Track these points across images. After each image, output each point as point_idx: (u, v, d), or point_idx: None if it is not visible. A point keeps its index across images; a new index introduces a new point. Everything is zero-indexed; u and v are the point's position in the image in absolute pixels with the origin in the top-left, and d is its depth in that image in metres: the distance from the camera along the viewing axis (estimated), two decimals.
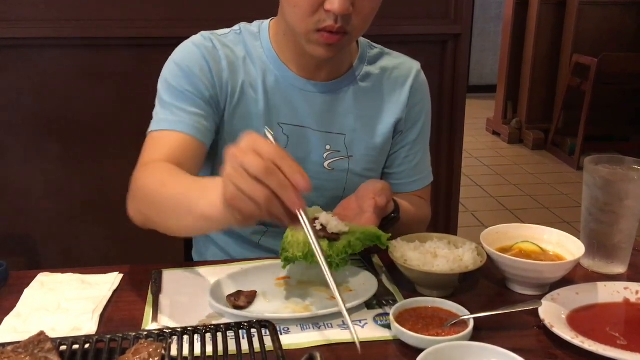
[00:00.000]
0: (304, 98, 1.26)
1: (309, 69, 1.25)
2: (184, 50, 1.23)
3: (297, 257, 1.02)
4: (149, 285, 1.08)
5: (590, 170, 1.17)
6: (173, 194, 0.98)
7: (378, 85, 1.32)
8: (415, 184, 1.39)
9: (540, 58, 5.36)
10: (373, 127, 1.32)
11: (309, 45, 1.15)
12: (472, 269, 1.05)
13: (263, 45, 1.26)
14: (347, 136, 1.29)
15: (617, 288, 1.07)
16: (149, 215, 1.05)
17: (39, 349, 0.77)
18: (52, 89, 2.10)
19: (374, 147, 1.32)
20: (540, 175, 4.84)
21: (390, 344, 0.93)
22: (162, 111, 1.19)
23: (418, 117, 1.36)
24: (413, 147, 1.37)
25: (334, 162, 1.30)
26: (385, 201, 1.15)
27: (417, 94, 1.35)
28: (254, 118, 1.24)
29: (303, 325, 0.98)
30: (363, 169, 1.32)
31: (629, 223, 1.15)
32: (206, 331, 0.83)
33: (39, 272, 1.12)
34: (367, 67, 1.32)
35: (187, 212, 0.93)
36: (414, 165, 1.38)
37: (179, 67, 1.20)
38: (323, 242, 1.04)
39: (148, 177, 1.06)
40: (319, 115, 1.27)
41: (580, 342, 0.90)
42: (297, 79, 1.25)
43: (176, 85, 1.19)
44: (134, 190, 1.09)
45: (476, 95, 6.81)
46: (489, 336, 0.92)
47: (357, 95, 1.30)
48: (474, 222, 3.86)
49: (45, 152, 2.14)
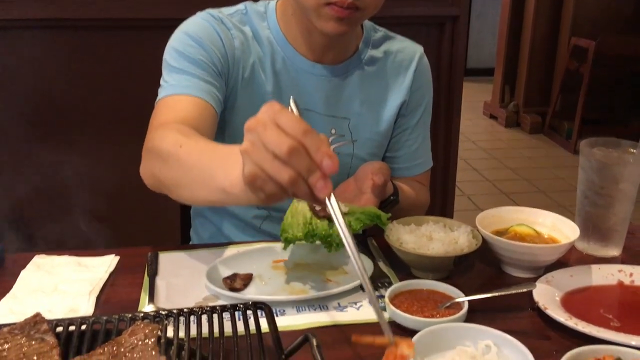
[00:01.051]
0: (311, 81, 1.25)
1: (316, 50, 1.24)
2: (194, 22, 1.19)
3: (297, 237, 1.03)
4: (145, 268, 1.08)
5: (586, 154, 1.17)
6: (190, 160, 0.90)
7: (382, 69, 1.31)
8: (415, 169, 1.39)
9: (538, 41, 5.33)
10: (378, 112, 1.31)
11: (319, 20, 1.13)
12: (467, 252, 1.05)
13: (270, 26, 1.24)
14: (351, 120, 1.29)
15: (611, 270, 1.08)
16: (161, 178, 0.97)
17: (35, 330, 0.77)
18: (41, 71, 2.08)
19: (378, 132, 1.32)
20: (537, 159, 4.84)
21: None
22: (173, 77, 1.14)
23: (420, 102, 1.35)
24: (413, 131, 1.36)
25: (339, 147, 1.30)
26: (382, 179, 1.14)
27: (420, 78, 1.34)
28: (262, 99, 1.23)
29: (299, 307, 0.98)
30: (367, 153, 1.32)
31: (624, 206, 1.16)
32: (202, 313, 0.83)
33: (35, 255, 1.12)
34: (371, 50, 1.31)
35: (204, 184, 0.85)
36: (414, 149, 1.37)
37: (190, 37, 1.16)
38: (323, 221, 1.05)
39: (164, 138, 0.97)
40: (325, 99, 1.26)
41: (573, 324, 0.90)
42: (304, 61, 1.24)
43: (187, 53, 1.14)
44: (147, 150, 1.03)
45: (474, 78, 6.79)
46: (484, 318, 0.93)
47: (362, 80, 1.29)
48: (470, 206, 3.87)
49: (38, 135, 2.13)
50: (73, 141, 2.15)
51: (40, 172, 2.16)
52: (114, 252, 1.14)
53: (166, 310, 0.84)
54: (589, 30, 4.91)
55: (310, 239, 1.03)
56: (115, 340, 0.76)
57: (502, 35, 5.65)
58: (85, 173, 2.17)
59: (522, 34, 5.47)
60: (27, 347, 0.74)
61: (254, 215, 1.33)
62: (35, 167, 2.16)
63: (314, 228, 1.03)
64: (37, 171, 2.16)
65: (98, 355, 0.73)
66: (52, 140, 2.14)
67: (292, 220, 1.05)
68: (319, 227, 1.03)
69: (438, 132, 2.32)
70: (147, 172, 1.02)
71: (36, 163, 2.15)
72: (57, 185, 2.18)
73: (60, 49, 2.07)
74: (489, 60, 6.74)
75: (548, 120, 5.35)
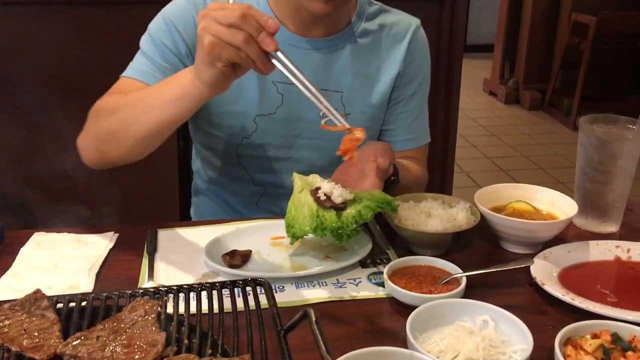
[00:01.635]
0: (298, 55, 1.24)
1: (305, 25, 1.23)
2: (174, 4, 1.22)
3: (305, 232, 0.98)
4: (145, 245, 1.09)
5: (586, 130, 1.16)
6: (136, 97, 1.05)
7: (376, 42, 1.30)
8: (409, 143, 1.38)
9: (538, 17, 5.28)
10: (371, 85, 1.30)
11: (308, 1, 1.13)
12: (466, 229, 1.05)
13: (259, 2, 1.24)
14: (344, 94, 1.28)
15: (609, 246, 1.08)
16: (107, 130, 1.08)
17: (35, 306, 0.78)
18: (42, 47, 2.06)
19: (372, 105, 1.31)
20: (536, 135, 4.83)
21: (384, 302, 0.95)
22: (137, 60, 1.20)
23: (415, 75, 1.34)
24: (407, 103, 1.35)
25: (331, 121, 1.28)
26: (388, 163, 1.12)
27: (415, 50, 1.32)
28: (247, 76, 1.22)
29: (298, 284, 0.99)
30: (361, 126, 1.30)
31: (622, 182, 1.16)
32: (201, 289, 0.84)
33: (35, 232, 1.13)
34: (365, 23, 1.29)
35: (154, 104, 1.01)
36: (408, 123, 1.36)
37: (163, 21, 1.20)
38: (330, 212, 0.98)
39: (106, 101, 1.12)
40: (314, 73, 1.25)
41: (570, 299, 0.91)
42: (291, 35, 1.23)
43: (155, 37, 1.19)
44: (88, 122, 1.13)
45: (473, 54, 6.74)
46: (481, 294, 0.93)
47: (354, 53, 1.28)
48: (469, 183, 3.87)
49: (36, 112, 2.12)
50: (73, 119, 2.14)
51: (40, 149, 2.16)
52: (113, 229, 1.14)
53: (166, 286, 0.85)
54: (589, 7, 4.86)
55: (321, 232, 0.96)
56: (116, 316, 0.76)
57: (502, 11, 5.60)
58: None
59: (523, 10, 5.42)
60: (28, 323, 0.75)
61: (250, 192, 1.34)
62: (36, 144, 2.15)
63: (323, 221, 0.97)
64: (37, 148, 2.16)
65: (98, 331, 0.73)
66: (52, 118, 2.12)
67: (296, 213, 1.00)
68: (328, 219, 0.97)
69: (437, 109, 2.31)
70: (88, 137, 1.13)
71: (38, 140, 2.15)
72: (59, 162, 2.18)
73: (61, 25, 2.05)
74: (489, 37, 6.69)
75: (548, 96, 5.33)
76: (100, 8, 2.07)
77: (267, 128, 1.26)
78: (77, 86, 2.12)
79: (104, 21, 2.08)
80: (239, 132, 1.27)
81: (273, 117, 1.26)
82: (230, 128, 1.27)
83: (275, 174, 1.31)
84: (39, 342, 0.73)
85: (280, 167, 1.31)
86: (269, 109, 1.25)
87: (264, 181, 1.33)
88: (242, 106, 1.25)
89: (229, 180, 1.35)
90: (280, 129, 1.27)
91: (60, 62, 2.10)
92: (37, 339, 0.73)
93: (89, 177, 2.15)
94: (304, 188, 1.03)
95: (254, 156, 1.30)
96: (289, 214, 1.01)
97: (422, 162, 1.41)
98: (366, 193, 1.04)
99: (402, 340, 0.82)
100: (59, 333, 0.74)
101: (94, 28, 2.08)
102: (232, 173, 1.34)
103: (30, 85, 2.11)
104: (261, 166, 1.31)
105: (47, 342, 0.72)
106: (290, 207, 1.01)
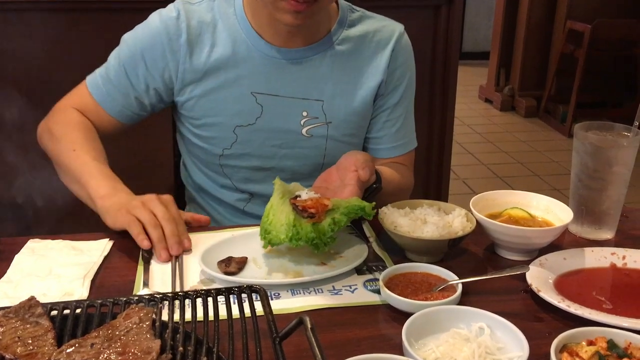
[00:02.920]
0: (276, 66, 1.24)
1: (281, 36, 1.23)
2: (147, 27, 1.25)
3: (281, 240, 1.00)
4: (140, 252, 1.08)
5: (580, 137, 1.17)
6: (75, 164, 1.20)
7: (358, 49, 1.29)
8: (396, 150, 1.37)
9: (534, 24, 5.31)
10: (353, 92, 1.29)
11: (277, 12, 1.13)
12: (462, 235, 1.05)
13: (236, 12, 1.24)
14: (325, 102, 1.28)
15: (604, 253, 1.08)
16: (49, 154, 1.29)
17: (29, 313, 0.77)
18: (33, 53, 2.06)
19: (354, 112, 1.30)
20: (532, 142, 4.85)
21: (380, 308, 0.95)
22: (104, 72, 1.28)
23: (399, 82, 1.33)
24: (393, 111, 1.34)
25: (313, 129, 1.28)
26: (368, 174, 1.11)
27: (399, 57, 1.31)
28: (224, 87, 1.24)
29: (293, 291, 0.99)
30: (343, 134, 1.30)
31: (617, 189, 1.16)
32: (197, 296, 0.83)
33: (29, 239, 1.12)
34: (346, 30, 1.28)
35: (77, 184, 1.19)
36: (394, 130, 1.35)
37: (133, 47, 1.24)
38: (307, 224, 1.01)
39: (66, 132, 1.25)
40: (293, 83, 1.25)
41: (566, 306, 0.91)
42: (268, 47, 1.23)
43: (123, 60, 1.25)
44: (48, 128, 1.28)
45: (469, 62, 6.76)
46: (477, 300, 0.93)
47: (335, 60, 1.27)
48: (465, 190, 3.88)
49: (29, 118, 2.11)
50: None
51: (35, 156, 2.15)
52: (109, 236, 1.14)
53: (161, 293, 0.84)
54: (584, 14, 4.89)
55: (296, 242, 0.99)
56: (110, 323, 0.76)
57: (497, 18, 5.63)
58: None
59: (518, 17, 5.45)
60: (22, 330, 0.75)
61: (236, 199, 1.34)
62: (31, 151, 2.14)
63: (299, 231, 0.99)
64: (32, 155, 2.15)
65: (93, 339, 0.73)
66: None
67: (273, 218, 1.02)
68: (304, 230, 0.99)
69: (433, 116, 2.31)
70: (41, 138, 1.31)
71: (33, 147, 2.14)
72: (51, 169, 2.17)
73: (55, 31, 2.05)
74: (485, 44, 6.72)
75: (543, 103, 5.35)
76: (86, 14, 2.07)
77: (247, 138, 1.27)
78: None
79: (88, 28, 2.08)
80: (220, 143, 1.28)
81: (253, 127, 1.26)
82: (211, 139, 1.28)
83: (258, 182, 1.32)
84: (32, 349, 0.72)
85: (263, 176, 1.31)
86: (249, 119, 1.25)
87: (248, 190, 1.34)
88: (221, 118, 1.25)
89: (214, 188, 1.36)
90: (260, 139, 1.27)
91: (56, 68, 2.10)
92: (31, 346, 0.72)
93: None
94: (285, 195, 1.05)
95: (235, 166, 1.31)
96: (267, 218, 1.03)
97: (408, 167, 1.41)
98: (345, 201, 1.05)
99: (397, 347, 0.82)
100: (53, 340, 0.73)
101: (78, 35, 2.08)
102: (217, 181, 1.34)
103: (24, 92, 2.11)
104: (244, 176, 1.32)
105: (41, 350, 0.72)
106: (269, 211, 1.04)
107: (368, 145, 1.37)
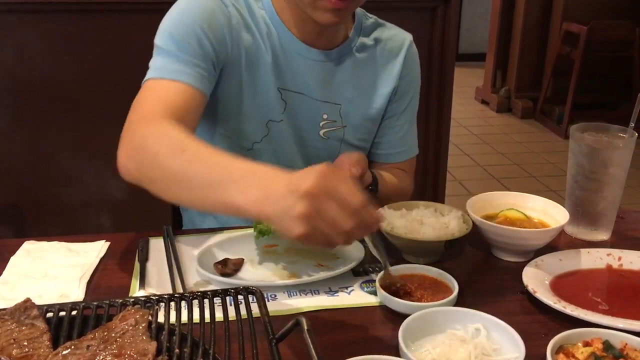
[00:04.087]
0: (305, 65, 1.24)
1: (310, 35, 1.23)
2: (198, 5, 1.14)
3: (271, 230, 1.02)
4: (136, 254, 1.08)
5: (576, 138, 1.17)
6: (194, 168, 0.87)
7: (373, 56, 1.31)
8: (400, 155, 1.39)
9: (530, 26, 5.32)
10: (368, 98, 1.31)
11: (315, 12, 1.12)
12: (458, 237, 1.05)
13: (265, 7, 1.22)
14: (342, 106, 1.29)
15: (600, 254, 1.08)
16: (154, 178, 0.92)
17: (25, 315, 0.77)
18: (33, 55, 2.06)
19: (369, 118, 1.32)
20: (528, 144, 4.85)
21: (376, 310, 0.95)
22: (161, 59, 1.10)
23: (407, 89, 1.35)
24: (400, 118, 1.36)
25: (330, 132, 1.29)
26: (360, 171, 1.12)
27: (409, 65, 1.34)
28: (262, 80, 1.21)
29: (290, 292, 0.99)
30: (356, 139, 1.32)
31: (613, 190, 1.16)
32: (193, 298, 0.83)
33: (25, 240, 1.12)
34: (362, 38, 1.30)
35: (209, 194, 0.85)
36: (400, 136, 1.37)
37: (182, 17, 1.13)
38: None
39: (158, 138, 0.94)
40: (318, 84, 1.25)
41: (562, 307, 0.91)
42: (300, 44, 1.23)
43: (176, 34, 1.11)
44: (134, 146, 0.96)
45: (466, 63, 6.77)
46: (474, 302, 0.93)
47: (354, 66, 1.29)
48: (461, 191, 3.88)
49: (29, 121, 2.11)
50: (65, 127, 2.14)
51: (33, 159, 2.15)
52: (104, 237, 1.14)
53: (157, 295, 0.84)
54: (580, 16, 4.90)
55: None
56: (106, 325, 0.76)
57: (494, 20, 5.63)
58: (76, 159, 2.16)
59: (514, 19, 5.46)
60: (18, 332, 0.74)
61: None
62: (28, 153, 2.14)
63: None
64: (29, 157, 2.15)
65: (89, 341, 0.73)
66: (45, 126, 2.12)
67: None
68: None
69: (430, 118, 2.31)
70: (131, 167, 0.96)
71: (30, 149, 2.14)
72: (48, 171, 2.17)
73: (52, 34, 2.05)
74: (481, 46, 6.72)
75: (539, 105, 5.36)
76: (92, 16, 2.07)
77: (276, 134, 1.26)
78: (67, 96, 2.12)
79: (94, 30, 2.08)
80: (251, 136, 1.25)
81: (279, 123, 1.26)
82: (242, 132, 1.25)
83: None
84: (28, 351, 0.72)
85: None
86: (277, 115, 1.25)
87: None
88: (257, 110, 1.23)
89: None
90: (282, 135, 1.27)
91: (51, 71, 2.10)
92: (26, 348, 0.72)
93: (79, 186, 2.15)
94: None
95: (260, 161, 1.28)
96: None
97: (409, 173, 1.42)
98: None
99: (394, 349, 0.82)
100: (49, 342, 0.73)
101: (85, 37, 2.08)
102: None
103: (21, 95, 2.11)
104: None
105: (37, 352, 0.72)
106: None
107: (373, 149, 1.38)
